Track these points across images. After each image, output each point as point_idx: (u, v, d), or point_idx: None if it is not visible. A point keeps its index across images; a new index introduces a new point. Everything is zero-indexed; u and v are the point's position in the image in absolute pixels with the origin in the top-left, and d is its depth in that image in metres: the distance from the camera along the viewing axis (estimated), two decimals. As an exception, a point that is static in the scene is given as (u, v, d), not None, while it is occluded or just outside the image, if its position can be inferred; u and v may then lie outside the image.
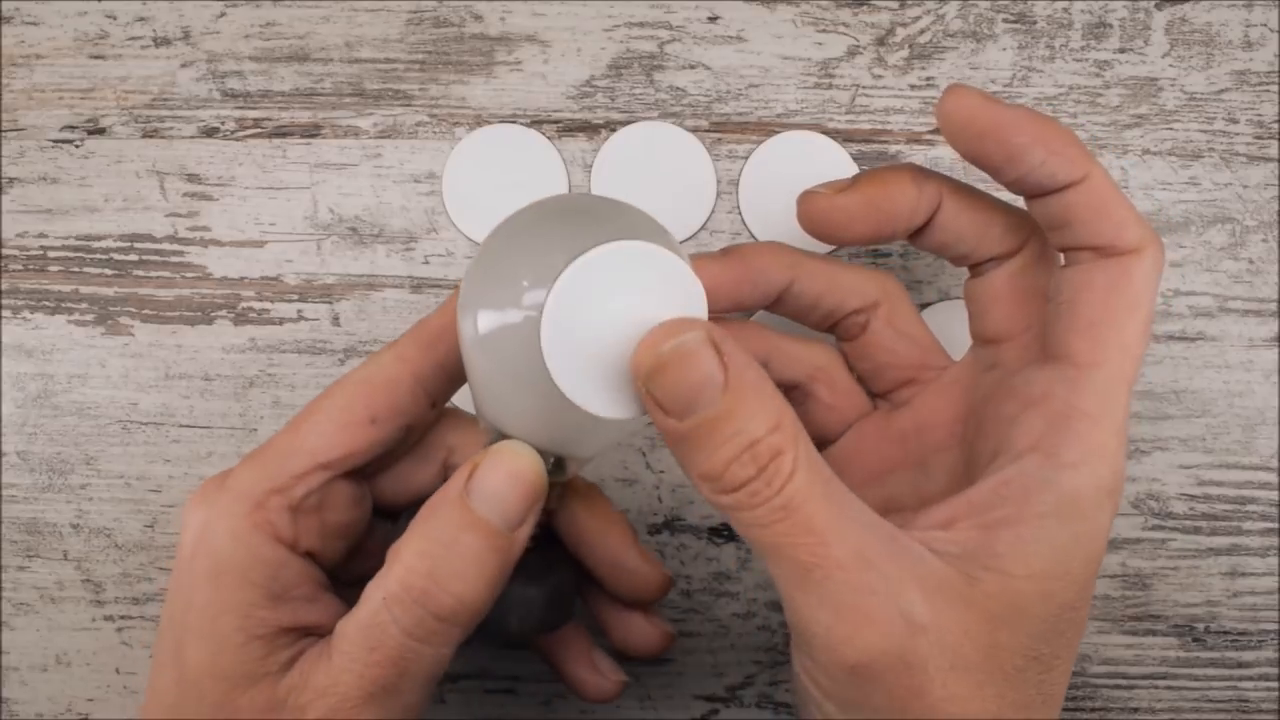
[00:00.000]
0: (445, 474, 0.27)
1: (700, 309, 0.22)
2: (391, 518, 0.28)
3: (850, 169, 0.34)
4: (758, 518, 0.21)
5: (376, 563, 0.27)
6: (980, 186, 0.27)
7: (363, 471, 0.26)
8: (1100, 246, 0.23)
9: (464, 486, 0.23)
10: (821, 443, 0.29)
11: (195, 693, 0.23)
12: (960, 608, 0.21)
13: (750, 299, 0.27)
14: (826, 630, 0.21)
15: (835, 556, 0.21)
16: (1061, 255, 0.24)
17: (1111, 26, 0.35)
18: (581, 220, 0.22)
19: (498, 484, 0.23)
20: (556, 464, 0.25)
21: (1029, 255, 0.26)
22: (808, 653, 0.22)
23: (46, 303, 0.35)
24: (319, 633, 0.24)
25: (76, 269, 0.35)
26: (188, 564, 0.24)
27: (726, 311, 0.27)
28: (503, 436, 0.24)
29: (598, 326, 0.21)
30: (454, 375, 0.26)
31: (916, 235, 0.27)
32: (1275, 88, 0.35)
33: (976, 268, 0.27)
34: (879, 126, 0.35)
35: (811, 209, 0.26)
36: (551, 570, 0.27)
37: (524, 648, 0.31)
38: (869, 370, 0.29)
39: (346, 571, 0.27)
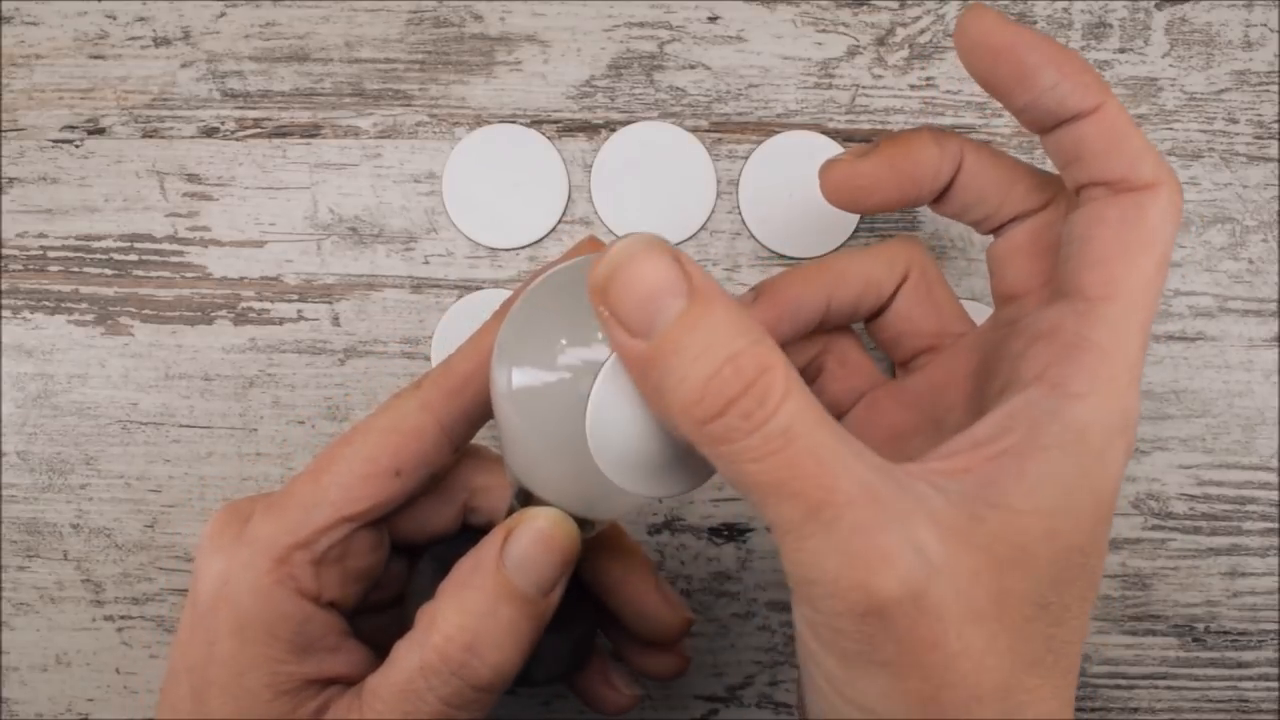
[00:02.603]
0: (465, 515, 0.27)
1: None
2: (408, 553, 0.27)
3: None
4: (752, 448, 0.19)
5: (387, 595, 0.27)
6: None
7: (384, 517, 0.26)
8: (1113, 181, 0.22)
9: (499, 554, 0.23)
10: (833, 415, 0.29)
11: None
12: (968, 550, 0.19)
13: (792, 333, 0.27)
14: (835, 576, 0.19)
15: (845, 491, 0.19)
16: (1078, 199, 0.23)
17: (1111, 26, 0.35)
18: None
19: (533, 552, 0.23)
20: (583, 520, 0.24)
21: (1054, 212, 0.25)
22: (810, 603, 0.20)
23: (46, 303, 0.35)
24: (344, 681, 0.24)
25: (76, 269, 0.35)
26: (208, 613, 0.24)
27: None
28: (526, 489, 0.24)
29: (641, 411, 0.21)
30: (478, 420, 0.25)
31: (940, 200, 0.26)
32: (1275, 88, 0.35)
33: (1000, 230, 0.26)
34: (879, 126, 0.35)
35: (834, 177, 0.25)
36: (575, 618, 0.27)
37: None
38: (889, 339, 0.28)
39: (358, 604, 0.27)
